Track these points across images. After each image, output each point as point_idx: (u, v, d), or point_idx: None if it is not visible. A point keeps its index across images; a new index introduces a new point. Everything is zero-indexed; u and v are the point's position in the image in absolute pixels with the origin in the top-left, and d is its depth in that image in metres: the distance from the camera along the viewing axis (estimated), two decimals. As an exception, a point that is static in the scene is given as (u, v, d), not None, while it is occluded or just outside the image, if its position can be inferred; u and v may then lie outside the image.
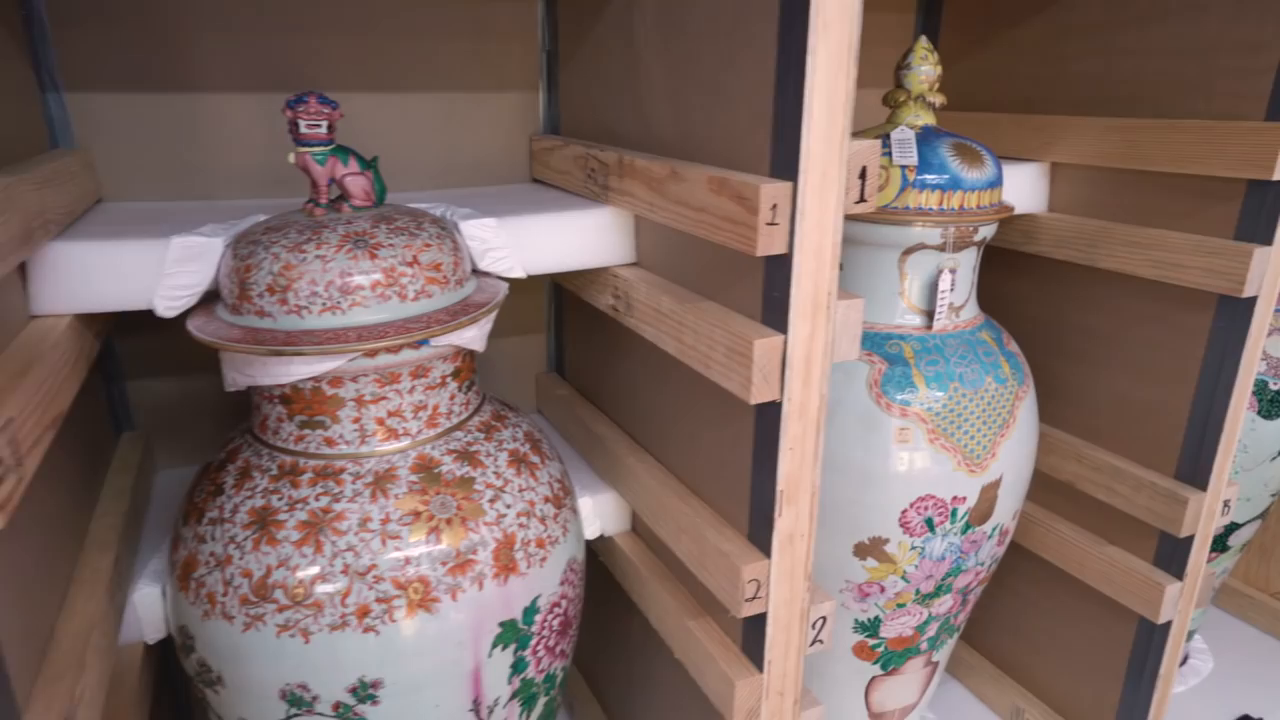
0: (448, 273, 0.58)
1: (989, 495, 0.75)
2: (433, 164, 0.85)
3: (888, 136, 0.74)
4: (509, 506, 0.59)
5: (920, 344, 0.74)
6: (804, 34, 0.47)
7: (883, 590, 0.77)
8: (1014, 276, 0.94)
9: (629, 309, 0.69)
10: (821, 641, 0.63)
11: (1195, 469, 0.79)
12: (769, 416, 0.56)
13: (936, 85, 0.76)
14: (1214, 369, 0.76)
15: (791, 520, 0.58)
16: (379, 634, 0.54)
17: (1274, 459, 0.95)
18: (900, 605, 0.78)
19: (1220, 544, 1.01)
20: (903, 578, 0.77)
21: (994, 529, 0.77)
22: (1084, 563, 0.89)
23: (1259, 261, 0.70)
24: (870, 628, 0.80)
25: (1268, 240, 0.71)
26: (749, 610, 0.59)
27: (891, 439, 0.72)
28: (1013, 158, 0.90)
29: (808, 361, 0.54)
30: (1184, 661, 1.14)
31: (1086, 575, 0.89)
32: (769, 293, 0.54)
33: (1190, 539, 0.80)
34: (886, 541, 0.75)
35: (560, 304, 0.93)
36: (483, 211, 0.67)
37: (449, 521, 0.56)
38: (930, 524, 0.74)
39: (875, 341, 0.75)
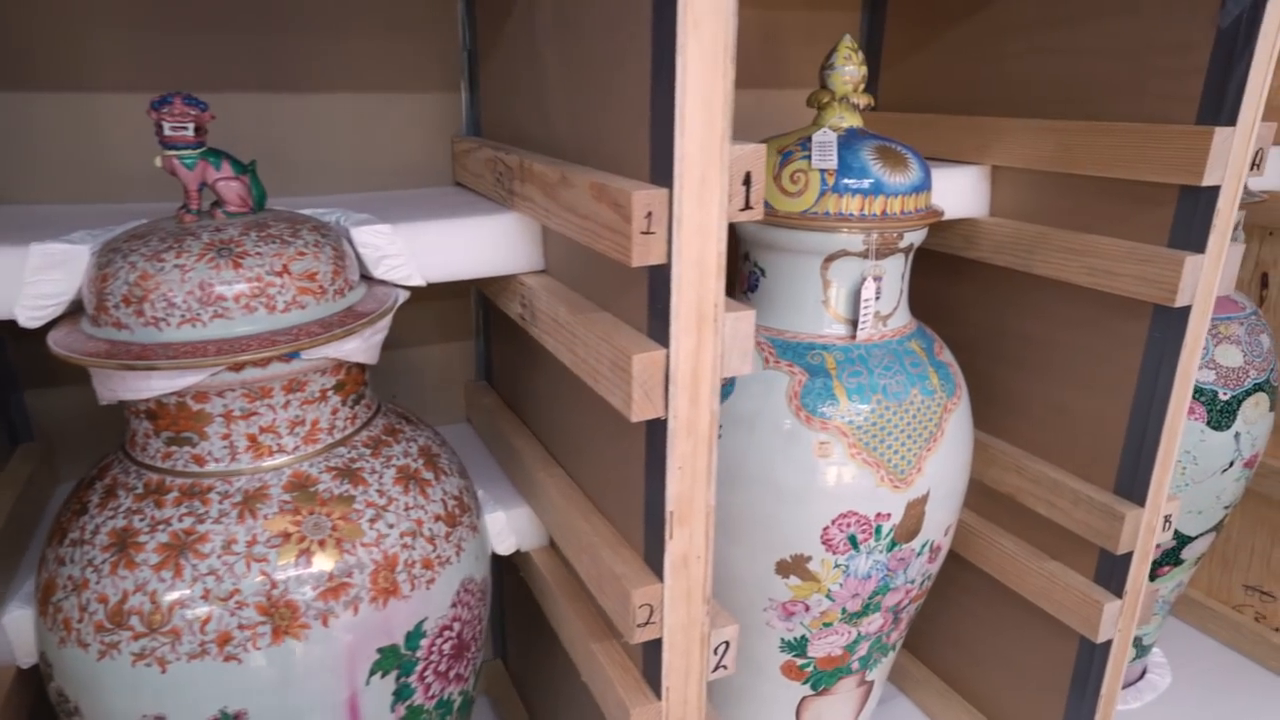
0: (324, 282, 0.56)
1: (915, 511, 0.72)
2: (348, 167, 0.82)
3: (809, 139, 0.71)
4: (391, 526, 0.57)
5: (844, 354, 0.71)
6: (673, 31, 0.45)
7: (807, 609, 0.75)
8: (956, 282, 0.92)
9: (533, 318, 0.66)
10: (725, 667, 0.61)
11: (1133, 483, 0.76)
12: (658, 434, 0.53)
13: (862, 86, 0.73)
14: (1150, 380, 0.73)
15: (685, 542, 0.55)
16: (241, 663, 0.51)
17: (1224, 470, 0.92)
18: (827, 624, 0.76)
19: (1173, 558, 0.98)
20: (828, 596, 0.74)
21: (923, 546, 0.75)
22: (1024, 578, 0.86)
23: (1191, 270, 0.68)
24: (797, 647, 0.78)
25: (1201, 248, 0.68)
26: (642, 636, 0.57)
27: (811, 453, 0.70)
28: (953, 160, 0.88)
29: (695, 377, 0.51)
30: (1141, 676, 1.11)
31: (1027, 591, 0.86)
32: (653, 304, 0.52)
33: (1129, 555, 0.78)
34: (809, 559, 0.72)
35: (487, 311, 0.90)
36: (380, 217, 0.64)
37: (322, 543, 0.54)
38: (854, 541, 0.71)
39: (797, 352, 0.72)
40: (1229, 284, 0.71)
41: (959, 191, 0.84)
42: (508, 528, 0.75)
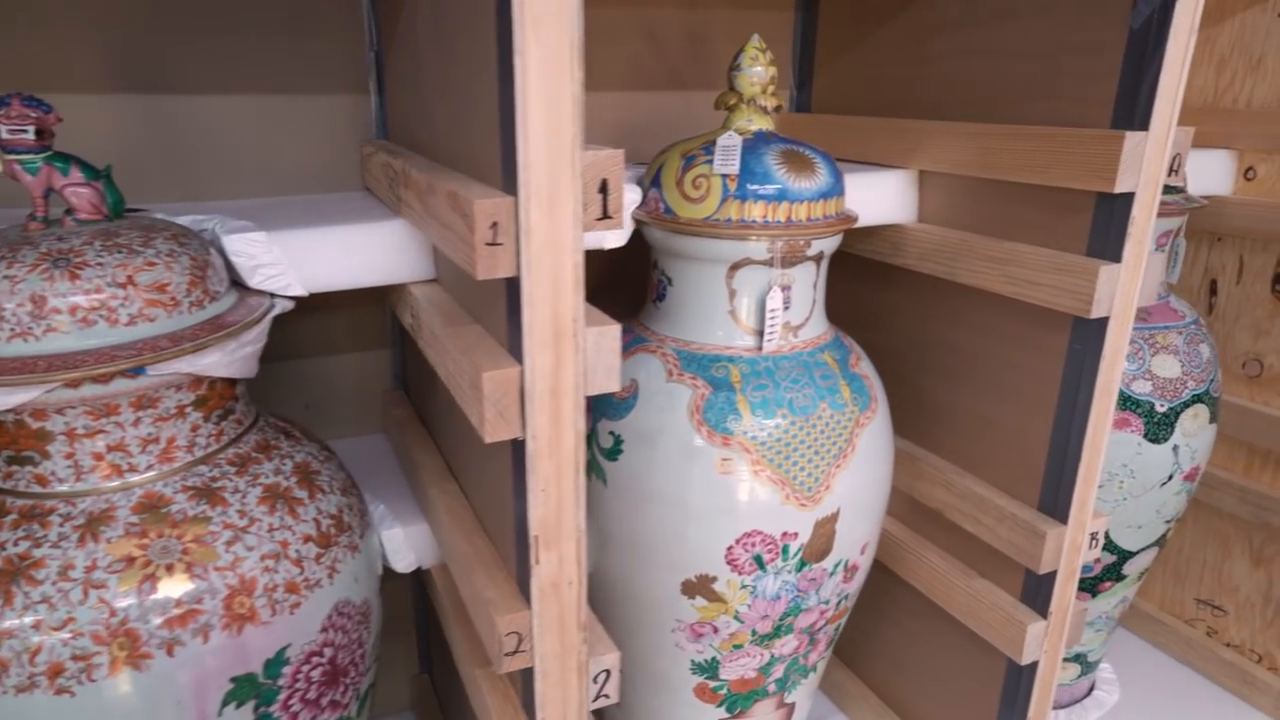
0: (178, 293, 0.53)
1: (825, 530, 0.70)
2: (253, 171, 0.80)
3: (714, 143, 0.68)
4: (251, 549, 0.54)
5: (750, 367, 0.69)
6: (510, 31, 0.42)
7: (716, 631, 0.72)
8: (886, 289, 0.89)
9: (418, 330, 0.64)
10: (607, 696, 0.58)
11: (1057, 500, 0.74)
12: (521, 455, 0.51)
13: (771, 87, 0.71)
14: (1072, 394, 0.71)
15: (554, 567, 0.53)
16: (75, 695, 0.49)
17: (1164, 484, 0.89)
18: (738, 646, 0.73)
19: (1114, 573, 0.95)
20: (736, 618, 0.71)
21: (836, 565, 0.72)
22: (952, 595, 0.83)
23: (1106, 280, 0.65)
24: (708, 669, 0.75)
25: (1117, 257, 0.66)
26: (512, 665, 0.54)
27: (714, 470, 0.67)
28: (880, 164, 0.85)
29: (554, 395, 0.49)
30: (1089, 693, 1.08)
31: (954, 609, 0.83)
32: (510, 319, 0.49)
33: (1054, 574, 0.75)
34: (715, 580, 0.69)
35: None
36: (271, 223, 0.62)
37: (169, 567, 0.51)
38: (760, 561, 0.69)
39: (702, 364, 0.69)
40: (1150, 294, 0.69)
41: (884, 197, 0.82)
42: (405, 545, 0.73)
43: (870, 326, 0.92)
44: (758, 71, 0.70)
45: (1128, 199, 0.64)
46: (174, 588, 0.51)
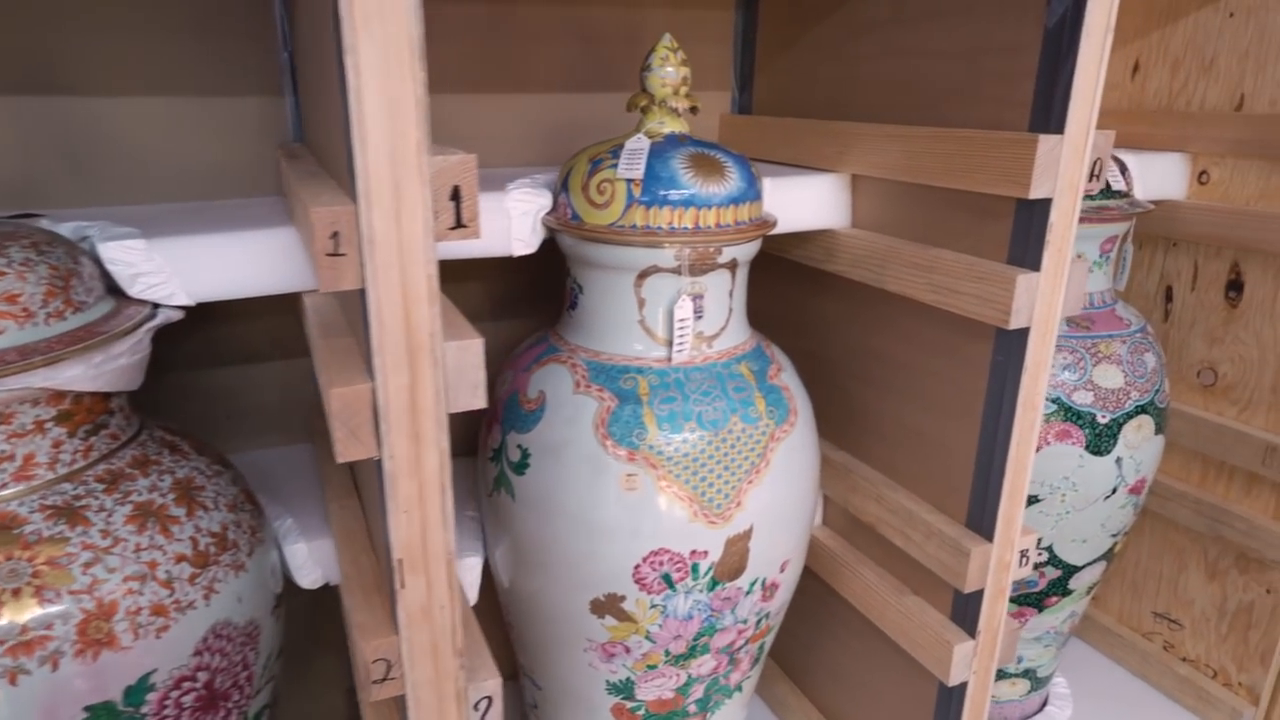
0: (31, 304, 0.51)
1: (737, 548, 0.67)
2: (165, 175, 0.78)
3: (621, 146, 0.66)
4: (113, 570, 0.52)
5: (659, 378, 0.66)
6: (340, 29, 0.40)
7: (628, 650, 0.70)
8: (821, 296, 0.87)
9: (311, 342, 0.61)
10: (491, 724, 0.56)
11: (983, 517, 0.71)
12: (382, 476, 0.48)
13: (683, 89, 0.68)
14: (995, 407, 0.68)
15: (422, 591, 0.50)
16: (-91, 728, 0.46)
17: (1107, 497, 0.87)
18: (651, 666, 0.71)
19: (1060, 588, 0.93)
20: (647, 638, 0.69)
21: (753, 584, 0.70)
22: (884, 613, 0.81)
23: (1024, 289, 0.62)
24: (624, 689, 0.73)
25: (1037, 265, 0.63)
26: (382, 693, 0.52)
27: (618, 486, 0.65)
28: (814, 168, 0.82)
29: (413, 413, 0.46)
30: (1041, 708, 1.06)
31: (887, 626, 0.81)
32: (365, 333, 0.47)
33: (980, 593, 0.72)
34: (623, 599, 0.67)
35: (323, 326, 0.85)
36: (163, 230, 0.59)
37: (16, 592, 0.49)
38: (669, 580, 0.66)
39: (610, 375, 0.67)
40: (1075, 304, 0.66)
41: (814, 201, 0.79)
42: (311, 560, 0.71)
43: (807, 334, 0.90)
44: (669, 72, 0.67)
45: (1045, 205, 0.62)
46: (20, 613, 0.49)
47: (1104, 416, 0.84)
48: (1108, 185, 0.84)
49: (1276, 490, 0.94)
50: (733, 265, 0.68)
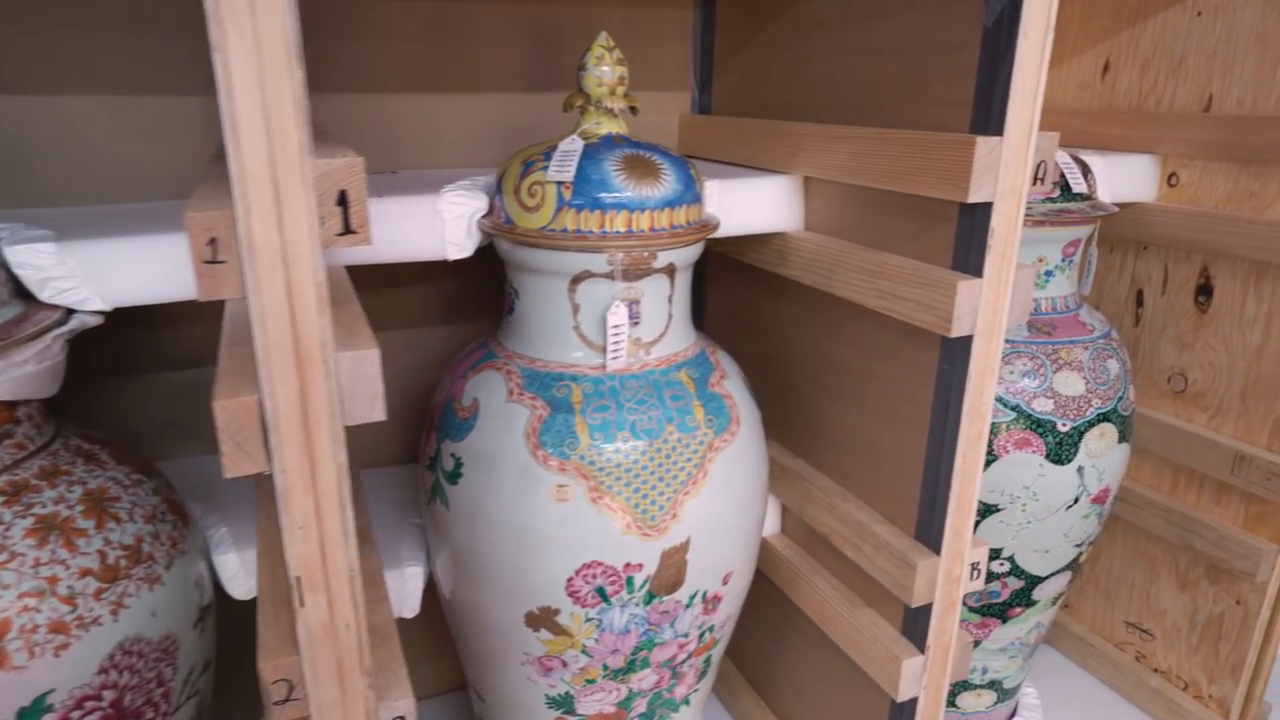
0: (-77, 311, 0.49)
1: (674, 561, 0.65)
2: (105, 176, 0.76)
3: (555, 148, 0.64)
4: (7, 587, 0.50)
5: (593, 386, 0.65)
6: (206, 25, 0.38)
7: (565, 665, 0.68)
8: (778, 300, 0.85)
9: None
10: (405, 744, 0.54)
11: (931, 529, 0.69)
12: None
13: (620, 88, 0.66)
14: (942, 416, 0.66)
15: (323, 610, 0.48)
16: None
17: (1069, 507, 0.85)
18: (590, 681, 0.69)
19: (1023, 599, 0.91)
20: (584, 652, 0.67)
21: (693, 597, 0.68)
22: (838, 626, 0.79)
23: (966, 296, 0.60)
24: (564, 704, 0.71)
25: (979, 271, 0.61)
26: (284, 715, 0.50)
27: (549, 497, 0.63)
28: (767, 169, 0.81)
29: (305, 426, 0.45)
30: (1010, 718, 1.04)
31: (841, 640, 0.79)
32: (256, 344, 0.45)
33: (929, 607, 0.71)
34: (557, 612, 0.65)
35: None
36: (84, 233, 0.58)
37: (-97, 610, 0.47)
38: (603, 594, 0.65)
39: (544, 383, 0.65)
40: (1021, 312, 0.64)
41: (767, 203, 0.77)
42: (243, 571, 0.69)
43: (766, 338, 0.88)
44: (604, 71, 0.65)
45: (987, 209, 0.60)
46: (-93, 631, 0.47)
47: (1064, 425, 0.82)
48: (1068, 187, 0.82)
49: (1246, 500, 0.92)
50: (670, 270, 0.66)
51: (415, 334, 0.93)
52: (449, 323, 0.94)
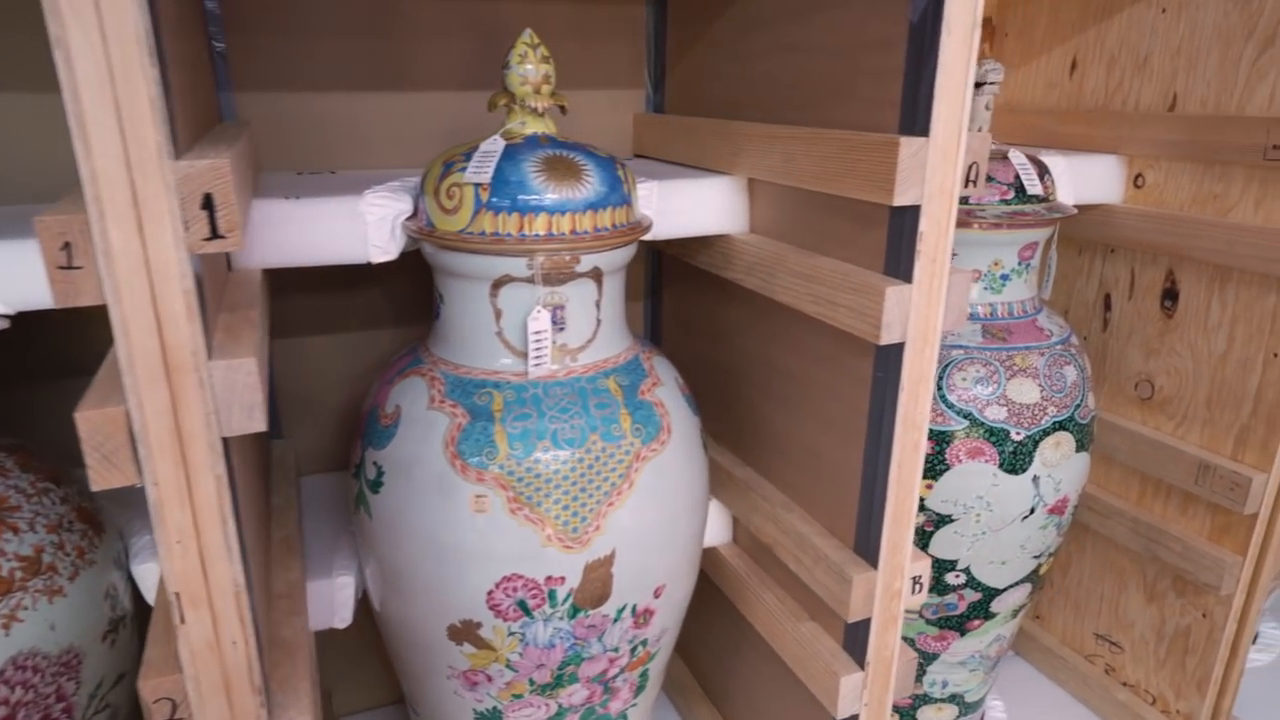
0: None
1: (598, 574, 0.63)
2: (36, 177, 0.75)
3: (476, 149, 0.63)
4: (-112, 601, 0.49)
5: (516, 394, 0.63)
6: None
7: (490, 680, 0.66)
8: (727, 304, 0.83)
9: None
10: (302, 763, 0.52)
11: (868, 542, 0.67)
12: (157, 501, 0.45)
13: (546, 86, 0.65)
14: (877, 426, 0.64)
15: (207, 626, 0.47)
16: None
17: (1025, 518, 0.82)
18: (517, 696, 0.67)
19: (981, 611, 0.88)
20: (509, 666, 0.65)
21: (621, 611, 0.66)
22: (783, 639, 0.77)
23: (895, 302, 0.58)
24: (493, 719, 0.69)
25: (910, 276, 0.59)
26: (169, 735, 0.48)
27: (467, 508, 0.61)
28: (712, 170, 0.79)
29: (179, 437, 0.43)
30: (974, 734, 1.02)
31: (785, 654, 0.77)
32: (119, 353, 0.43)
33: (867, 622, 0.68)
34: (479, 626, 0.64)
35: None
36: None
37: None
38: (525, 607, 0.63)
39: (466, 390, 0.63)
40: (957, 318, 0.62)
41: (709, 205, 0.75)
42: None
43: (718, 344, 0.86)
44: (528, 70, 0.63)
45: (916, 212, 0.58)
46: None
47: (1019, 433, 0.80)
48: (1022, 189, 0.80)
49: (1212, 510, 0.89)
50: (597, 274, 0.64)
51: (367, 336, 0.91)
52: (401, 325, 0.92)
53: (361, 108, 0.84)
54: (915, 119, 0.56)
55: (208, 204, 0.41)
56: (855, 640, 0.70)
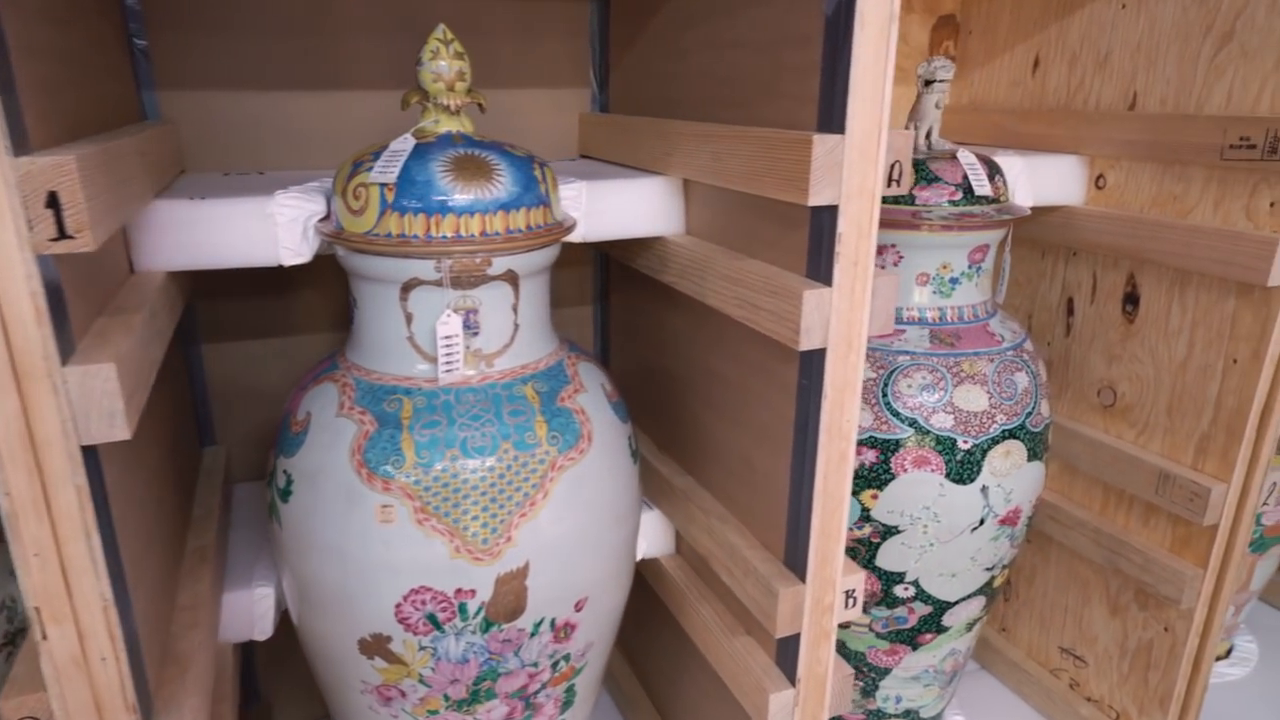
0: None
1: (511, 587, 0.61)
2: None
3: (385, 148, 0.61)
4: None
5: (427, 401, 0.61)
6: None
7: (403, 695, 0.64)
8: (670, 310, 0.81)
9: None
10: (181, 786, 0.50)
11: (798, 555, 0.65)
12: (14, 513, 0.43)
13: (461, 84, 0.63)
14: (803, 435, 0.62)
15: (72, 641, 0.45)
16: None
17: (975, 528, 0.80)
18: (433, 712, 0.65)
19: (933, 625, 0.86)
20: (421, 681, 0.63)
21: (538, 625, 0.64)
22: (719, 654, 0.75)
23: (814, 306, 0.56)
24: (411, 735, 0.67)
25: (830, 279, 0.57)
26: (34, 755, 0.46)
27: (374, 519, 0.59)
28: (649, 170, 0.77)
29: (32, 446, 0.41)
30: (934, 749, 0.99)
31: (720, 669, 0.75)
32: (-30, 356, 0.41)
33: (797, 638, 0.66)
34: (390, 639, 0.61)
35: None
36: None
37: None
38: (435, 621, 0.61)
39: (376, 396, 0.61)
40: (884, 323, 0.60)
41: (642, 206, 0.73)
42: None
43: (662, 350, 0.84)
44: (440, 67, 0.61)
45: (834, 213, 0.55)
46: None
47: (966, 442, 0.77)
48: (970, 190, 0.78)
49: (1173, 521, 0.87)
50: (512, 277, 0.62)
51: (304, 341, 0.90)
52: (339, 330, 0.90)
53: (294, 107, 0.82)
54: (832, 116, 0.54)
55: (53, 203, 0.39)
56: (787, 656, 0.68)
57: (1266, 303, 0.75)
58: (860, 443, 0.78)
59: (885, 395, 0.78)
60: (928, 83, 0.81)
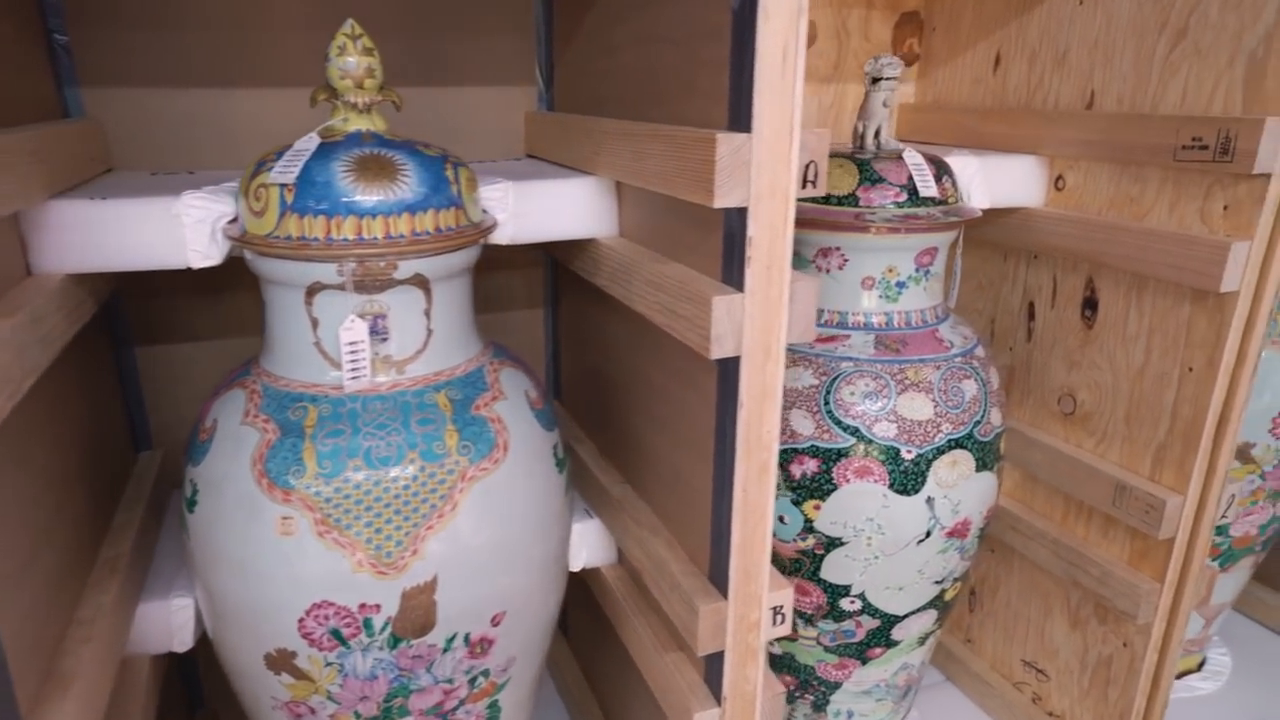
0: None
1: (418, 602, 0.59)
2: None
3: (289, 148, 0.59)
4: None
5: (331, 408, 0.59)
6: None
7: (313, 711, 0.62)
8: (612, 314, 0.78)
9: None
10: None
11: (721, 570, 0.63)
12: None
13: (370, 80, 0.60)
14: (724, 446, 0.60)
15: (-79, 664, 0.43)
16: None
17: (921, 540, 0.77)
18: (345, 729, 0.63)
19: (882, 639, 0.83)
20: (330, 698, 0.61)
21: (450, 640, 0.62)
22: (650, 669, 0.72)
23: (725, 312, 0.54)
24: (324, 752, 0.65)
25: (741, 284, 0.54)
26: (-111, 779, 0.45)
27: (274, 531, 0.57)
28: (582, 170, 0.74)
29: None
30: (891, 765, 0.96)
31: (652, 684, 0.72)
32: None
33: (721, 655, 0.64)
34: (295, 655, 0.60)
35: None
36: None
37: None
38: (340, 636, 0.59)
39: (281, 404, 0.59)
40: (803, 330, 0.57)
41: (572, 207, 0.71)
42: None
43: (606, 356, 0.82)
44: (348, 63, 0.59)
45: (744, 215, 0.53)
46: None
47: (909, 451, 0.75)
48: (915, 191, 0.75)
49: (1131, 533, 0.84)
50: (422, 282, 0.60)
51: (244, 344, 0.88)
52: (277, 332, 0.88)
53: (228, 105, 0.80)
54: (740, 113, 0.52)
55: (-128, 204, 0.37)
56: (714, 674, 0.66)
57: (1220, 309, 0.72)
58: (801, 452, 0.76)
59: (827, 403, 0.75)
60: (875, 80, 0.78)
